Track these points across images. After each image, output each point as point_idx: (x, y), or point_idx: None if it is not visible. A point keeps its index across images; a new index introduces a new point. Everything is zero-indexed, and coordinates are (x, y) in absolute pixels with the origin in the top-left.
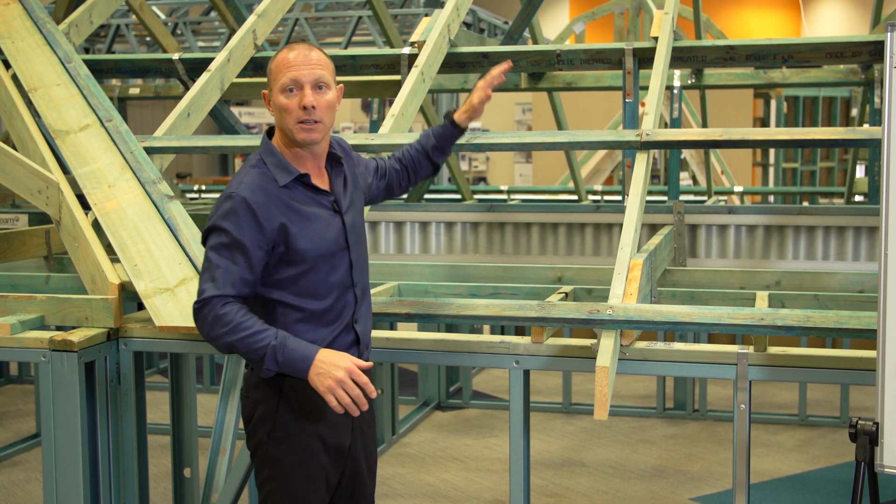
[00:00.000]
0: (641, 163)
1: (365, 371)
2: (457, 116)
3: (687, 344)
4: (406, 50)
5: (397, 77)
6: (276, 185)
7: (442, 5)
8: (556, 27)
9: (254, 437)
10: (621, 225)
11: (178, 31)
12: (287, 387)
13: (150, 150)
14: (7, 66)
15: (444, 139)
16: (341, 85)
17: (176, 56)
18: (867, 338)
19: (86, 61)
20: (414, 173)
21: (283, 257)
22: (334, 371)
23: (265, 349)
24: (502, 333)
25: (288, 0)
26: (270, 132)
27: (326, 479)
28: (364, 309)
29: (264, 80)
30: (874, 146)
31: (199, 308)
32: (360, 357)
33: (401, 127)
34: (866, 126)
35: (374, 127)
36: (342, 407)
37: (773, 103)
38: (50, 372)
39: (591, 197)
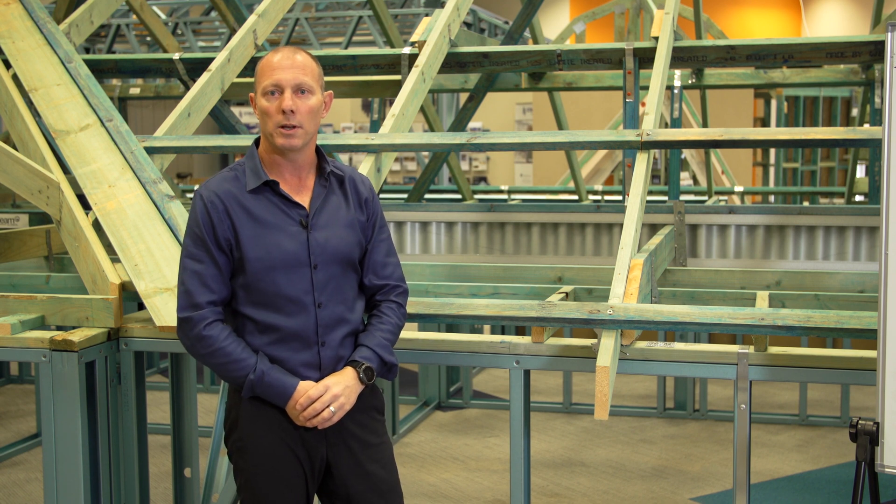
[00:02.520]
0: (642, 163)
1: (374, 391)
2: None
3: (687, 344)
4: (406, 50)
5: (398, 77)
6: (243, 190)
7: (442, 5)
8: (557, 27)
9: (228, 446)
10: (622, 225)
11: (179, 31)
12: (246, 398)
13: (150, 150)
14: (7, 65)
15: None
16: (330, 91)
17: (176, 56)
18: (867, 338)
19: (86, 61)
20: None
21: (238, 263)
22: (306, 411)
23: (243, 380)
24: (503, 333)
25: (288, 0)
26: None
27: (300, 489)
28: (335, 335)
29: None
30: (874, 146)
31: (184, 322)
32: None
33: (401, 127)
34: (867, 126)
35: (375, 127)
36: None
37: (774, 103)
38: (50, 372)
39: (591, 197)
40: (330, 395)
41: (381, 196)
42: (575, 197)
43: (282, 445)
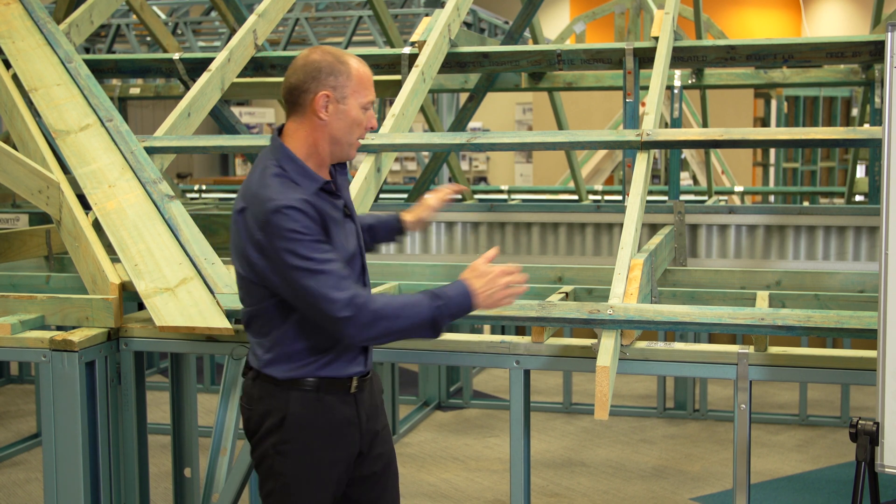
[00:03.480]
0: (642, 163)
1: (370, 375)
2: (406, 219)
3: (687, 344)
4: (406, 50)
5: (398, 77)
6: (307, 193)
7: (442, 5)
8: (557, 27)
9: (258, 449)
10: (622, 225)
11: (179, 31)
12: (294, 400)
13: (150, 150)
14: (7, 65)
15: (382, 232)
16: None
17: (176, 56)
18: (867, 338)
19: (86, 61)
20: None
21: None
22: (495, 283)
23: (430, 315)
24: (503, 333)
25: (288, 0)
26: (274, 134)
27: (333, 493)
28: None
29: (265, 79)
30: (874, 146)
31: (351, 316)
32: (366, 358)
33: (401, 127)
34: (867, 126)
35: None
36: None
37: (774, 103)
38: (50, 372)
39: (591, 197)
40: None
41: (381, 196)
42: (575, 197)
43: (327, 450)
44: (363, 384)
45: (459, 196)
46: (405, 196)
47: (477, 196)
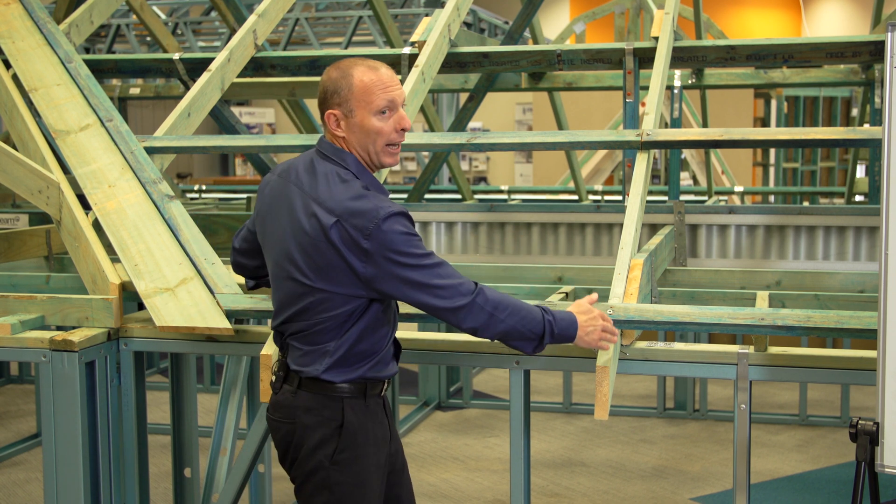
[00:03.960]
0: (642, 163)
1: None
2: None
3: (687, 344)
4: (406, 50)
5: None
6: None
7: (442, 5)
8: (557, 27)
9: (310, 462)
10: (622, 225)
11: (179, 31)
12: (348, 408)
13: (150, 150)
14: (7, 66)
15: None
16: None
17: (176, 56)
18: (868, 338)
19: (86, 61)
20: None
21: None
22: (596, 323)
23: (542, 322)
24: None
25: (288, 0)
26: (328, 146)
27: (379, 496)
28: None
29: (265, 79)
30: (874, 146)
31: (474, 300)
32: (398, 360)
33: None
34: (867, 126)
35: None
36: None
37: (774, 103)
38: (50, 372)
39: (591, 197)
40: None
41: None
42: (575, 197)
43: (379, 454)
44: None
45: None
46: (405, 196)
47: (477, 196)
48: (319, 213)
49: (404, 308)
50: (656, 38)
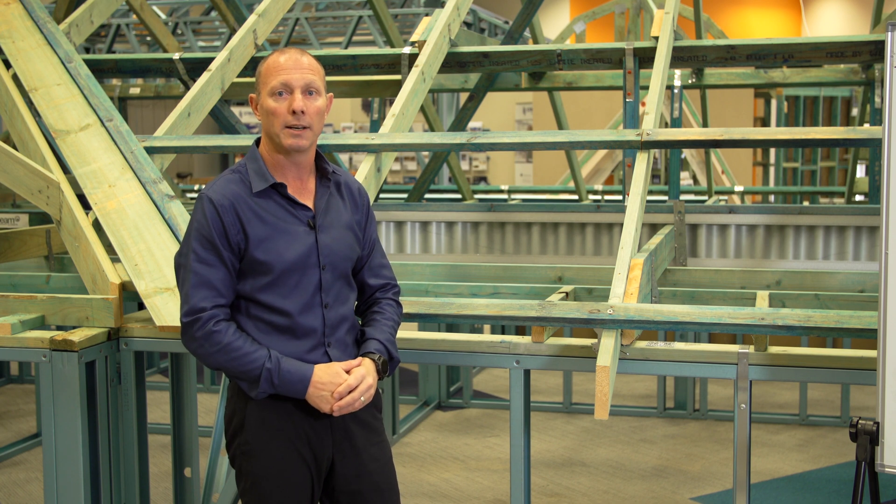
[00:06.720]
0: (642, 162)
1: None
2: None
3: (687, 343)
4: (407, 50)
5: (398, 77)
6: (249, 192)
7: (442, 5)
8: (557, 27)
9: (230, 448)
10: (622, 225)
11: (179, 31)
12: (252, 402)
13: (150, 150)
14: (8, 65)
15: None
16: (331, 94)
17: (176, 56)
18: (868, 337)
19: (86, 61)
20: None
21: (247, 266)
22: (324, 393)
23: (259, 370)
24: (503, 333)
25: (288, 0)
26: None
27: (307, 492)
28: (339, 335)
29: None
30: (875, 146)
31: (189, 324)
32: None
33: (401, 127)
34: (867, 126)
35: (375, 127)
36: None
37: (774, 103)
38: (50, 372)
39: (591, 197)
40: (366, 384)
41: (382, 196)
42: (575, 197)
43: (290, 449)
44: None
45: None
46: (405, 196)
47: (477, 196)
48: None
49: (405, 308)
50: (656, 38)
